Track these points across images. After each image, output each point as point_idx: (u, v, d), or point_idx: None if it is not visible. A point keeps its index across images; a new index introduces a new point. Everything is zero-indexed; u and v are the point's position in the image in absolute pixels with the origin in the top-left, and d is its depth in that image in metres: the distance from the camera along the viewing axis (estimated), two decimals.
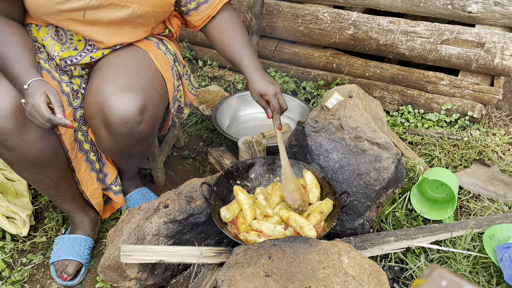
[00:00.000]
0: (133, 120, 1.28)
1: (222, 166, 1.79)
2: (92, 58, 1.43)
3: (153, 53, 1.46)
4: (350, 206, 1.48)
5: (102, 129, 1.34)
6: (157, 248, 1.28)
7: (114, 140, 1.35)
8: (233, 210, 1.38)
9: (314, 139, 1.55)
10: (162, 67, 1.46)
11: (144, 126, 1.33)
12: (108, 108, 1.27)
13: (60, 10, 1.27)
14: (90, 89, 1.36)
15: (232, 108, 2.32)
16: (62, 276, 1.46)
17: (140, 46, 1.47)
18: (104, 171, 1.60)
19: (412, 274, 1.42)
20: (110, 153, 1.48)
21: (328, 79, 2.49)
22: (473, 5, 1.99)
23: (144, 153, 1.55)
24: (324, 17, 2.30)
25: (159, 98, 1.39)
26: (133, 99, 1.28)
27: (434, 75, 2.24)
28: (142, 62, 1.41)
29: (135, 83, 1.32)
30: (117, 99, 1.27)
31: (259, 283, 1.09)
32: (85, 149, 1.50)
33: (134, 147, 1.40)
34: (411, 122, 2.28)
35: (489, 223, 1.54)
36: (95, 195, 1.57)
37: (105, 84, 1.30)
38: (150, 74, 1.40)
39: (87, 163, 1.52)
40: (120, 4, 1.30)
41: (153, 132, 1.40)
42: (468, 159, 1.99)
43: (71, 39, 1.40)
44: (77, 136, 1.46)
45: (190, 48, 2.81)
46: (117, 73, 1.33)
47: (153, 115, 1.35)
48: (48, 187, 1.43)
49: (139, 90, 1.30)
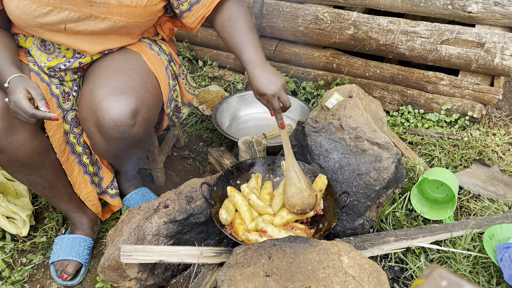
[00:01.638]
0: (126, 123, 1.27)
1: (222, 166, 1.79)
2: (81, 64, 1.42)
3: (146, 55, 1.45)
4: (350, 206, 1.48)
5: (96, 133, 1.34)
6: (157, 248, 1.28)
7: (108, 144, 1.34)
8: (231, 212, 1.38)
9: (314, 139, 1.55)
10: (155, 68, 1.44)
11: (137, 129, 1.31)
12: (100, 112, 1.26)
13: (40, 24, 1.26)
14: (84, 93, 1.35)
15: (232, 108, 2.31)
16: (62, 276, 1.46)
17: (132, 48, 1.45)
18: (100, 175, 1.59)
19: (412, 274, 1.42)
20: (105, 156, 1.48)
21: (328, 79, 2.49)
22: (473, 5, 1.99)
23: (140, 155, 1.54)
24: (324, 17, 2.30)
25: (152, 100, 1.38)
26: (125, 103, 1.26)
27: (434, 75, 2.24)
28: (135, 64, 1.40)
29: (128, 86, 1.31)
30: (109, 103, 1.26)
31: (259, 283, 1.09)
32: (77, 151, 1.49)
33: (128, 150, 1.39)
34: (411, 122, 2.28)
35: (489, 223, 1.54)
36: (90, 198, 1.56)
37: (98, 88, 1.29)
38: (143, 76, 1.38)
39: (80, 166, 1.51)
40: (100, 17, 1.28)
41: (146, 135, 1.38)
42: (468, 159, 1.99)
43: (59, 48, 1.39)
44: (69, 138, 1.45)
45: (190, 48, 2.81)
46: (109, 76, 1.32)
47: (146, 118, 1.33)
48: (43, 188, 1.43)
49: (131, 93, 1.29)
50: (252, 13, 2.28)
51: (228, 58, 2.69)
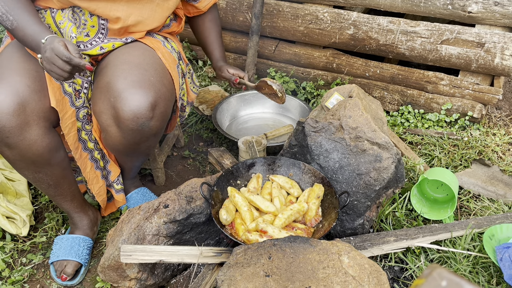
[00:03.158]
0: (145, 116, 1.30)
1: (222, 166, 1.79)
2: (102, 49, 1.44)
3: (161, 51, 1.48)
4: (350, 206, 1.48)
5: (112, 125, 1.35)
6: (157, 248, 1.28)
7: (124, 136, 1.36)
8: (231, 212, 1.38)
9: (314, 139, 1.55)
10: (169, 65, 1.48)
11: (155, 122, 1.34)
12: (120, 104, 1.29)
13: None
14: (99, 86, 1.37)
15: (232, 108, 2.32)
16: (61, 276, 1.46)
17: (147, 43, 1.49)
18: (107, 169, 1.61)
19: (412, 274, 1.42)
20: (117, 150, 1.48)
21: (328, 79, 2.49)
22: (473, 5, 1.99)
23: (149, 151, 1.57)
24: (324, 17, 2.30)
25: (168, 95, 1.41)
26: (144, 96, 1.29)
27: (434, 75, 2.24)
28: (151, 59, 1.43)
29: (146, 80, 1.34)
30: (129, 95, 1.28)
31: (259, 283, 1.09)
32: (89, 148, 1.51)
33: (142, 143, 1.42)
34: (411, 122, 2.28)
35: (489, 223, 1.54)
36: (101, 192, 1.59)
37: (116, 80, 1.31)
38: (159, 71, 1.41)
39: (92, 162, 1.53)
40: None
41: (161, 129, 1.42)
42: (468, 159, 1.99)
43: (85, 24, 1.41)
44: (81, 135, 1.47)
45: (190, 48, 2.81)
46: (127, 70, 1.35)
47: (163, 112, 1.37)
48: (48, 186, 1.43)
49: (150, 87, 1.32)
50: (252, 13, 2.28)
51: (228, 58, 2.69)
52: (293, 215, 1.37)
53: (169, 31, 1.64)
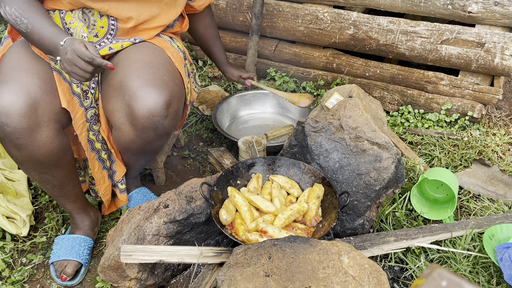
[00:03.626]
0: (160, 114, 1.31)
1: (222, 166, 1.79)
2: (110, 49, 1.44)
3: (169, 51, 1.49)
4: (350, 206, 1.48)
5: (126, 124, 1.35)
6: (157, 248, 1.28)
7: (137, 135, 1.36)
8: (231, 212, 1.38)
9: (314, 139, 1.55)
10: (178, 64, 1.49)
11: (169, 121, 1.35)
12: (135, 102, 1.29)
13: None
14: (111, 84, 1.37)
15: (232, 108, 2.32)
16: (61, 277, 1.46)
17: (156, 43, 1.50)
18: (113, 169, 1.61)
19: (412, 274, 1.42)
20: (129, 148, 1.47)
21: (328, 79, 2.49)
22: (473, 5, 1.99)
23: (160, 149, 1.57)
24: (324, 17, 2.30)
25: (180, 94, 1.42)
26: (159, 94, 1.30)
27: (434, 75, 2.24)
28: (162, 59, 1.44)
29: (159, 78, 1.34)
30: (144, 94, 1.29)
31: (259, 283, 1.09)
32: (96, 148, 1.51)
33: (154, 142, 1.42)
34: (411, 122, 2.28)
35: (489, 223, 1.54)
36: (106, 192, 1.60)
37: (130, 79, 1.32)
38: (170, 70, 1.42)
39: (99, 162, 1.54)
40: None
41: (174, 127, 1.43)
42: (468, 159, 1.99)
43: (94, 24, 1.41)
44: (89, 136, 1.48)
45: (190, 48, 2.82)
46: (140, 69, 1.35)
47: (176, 110, 1.38)
48: (53, 187, 1.43)
49: (163, 86, 1.33)
50: (252, 13, 2.29)
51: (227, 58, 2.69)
52: (293, 215, 1.37)
53: (173, 31, 1.65)
